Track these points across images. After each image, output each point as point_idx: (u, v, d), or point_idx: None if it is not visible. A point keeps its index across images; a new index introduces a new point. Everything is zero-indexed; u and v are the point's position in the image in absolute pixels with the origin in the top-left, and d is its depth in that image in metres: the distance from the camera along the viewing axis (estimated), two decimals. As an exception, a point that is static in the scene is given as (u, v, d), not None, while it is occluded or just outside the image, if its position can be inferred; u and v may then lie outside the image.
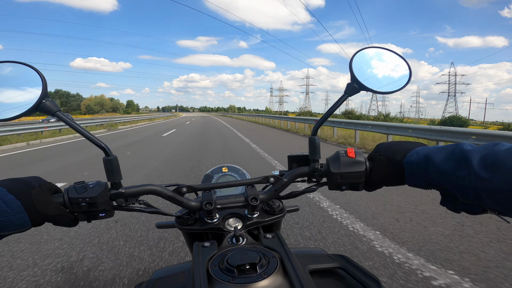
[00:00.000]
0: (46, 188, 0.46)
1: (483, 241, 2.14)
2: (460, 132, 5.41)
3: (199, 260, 0.43)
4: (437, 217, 2.63)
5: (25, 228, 0.43)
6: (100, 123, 18.20)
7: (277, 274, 0.39)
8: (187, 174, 4.53)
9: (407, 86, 0.55)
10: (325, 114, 0.57)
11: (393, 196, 3.26)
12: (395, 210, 2.85)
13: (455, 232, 2.31)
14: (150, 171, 4.76)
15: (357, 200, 3.13)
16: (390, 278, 1.68)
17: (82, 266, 1.93)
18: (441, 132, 5.80)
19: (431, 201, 3.07)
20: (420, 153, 0.45)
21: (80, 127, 0.48)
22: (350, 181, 0.52)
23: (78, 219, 0.49)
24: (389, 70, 0.58)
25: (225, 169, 0.73)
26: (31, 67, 0.48)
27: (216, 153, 6.73)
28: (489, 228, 2.36)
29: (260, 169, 4.84)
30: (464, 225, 2.44)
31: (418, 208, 2.89)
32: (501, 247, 2.05)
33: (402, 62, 0.58)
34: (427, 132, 6.16)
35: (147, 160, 5.87)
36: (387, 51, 0.59)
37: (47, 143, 10.05)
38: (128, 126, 20.25)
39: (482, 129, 5.72)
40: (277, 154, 6.38)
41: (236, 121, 28.06)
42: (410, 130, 6.59)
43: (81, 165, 5.56)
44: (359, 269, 0.44)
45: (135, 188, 0.51)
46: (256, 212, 0.58)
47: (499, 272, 1.74)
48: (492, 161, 0.36)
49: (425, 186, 0.45)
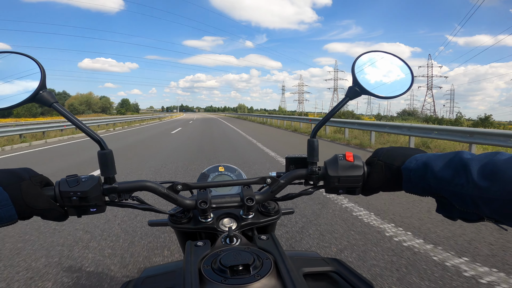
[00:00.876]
0: (37, 181, 0.45)
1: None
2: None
3: (191, 259, 0.42)
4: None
5: (11, 222, 0.42)
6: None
7: (270, 276, 0.39)
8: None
9: (409, 91, 0.55)
10: (325, 117, 0.56)
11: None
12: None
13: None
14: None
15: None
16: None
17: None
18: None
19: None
20: (419, 159, 0.45)
21: (76, 119, 0.48)
22: (347, 185, 0.52)
23: (68, 214, 0.48)
24: (392, 74, 0.58)
25: (221, 169, 0.73)
26: (30, 57, 0.47)
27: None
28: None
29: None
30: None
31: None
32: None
33: (404, 67, 0.58)
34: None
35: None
36: (390, 55, 0.59)
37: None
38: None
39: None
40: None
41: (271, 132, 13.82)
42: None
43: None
44: (353, 273, 0.43)
45: (129, 183, 0.50)
46: (251, 213, 0.57)
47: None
48: (491, 170, 0.36)
49: (422, 193, 0.45)
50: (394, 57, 0.58)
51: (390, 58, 0.59)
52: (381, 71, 0.58)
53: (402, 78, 0.57)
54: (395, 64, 0.58)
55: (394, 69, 0.58)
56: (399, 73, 0.58)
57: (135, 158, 6.05)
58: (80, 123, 0.48)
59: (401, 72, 0.57)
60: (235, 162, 5.34)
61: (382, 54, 0.59)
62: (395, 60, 0.58)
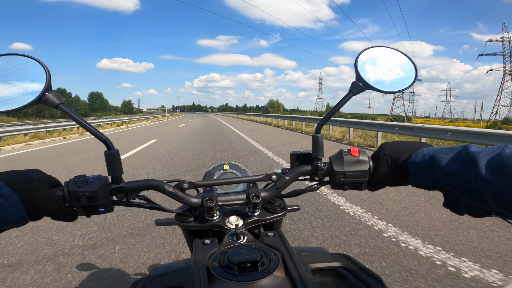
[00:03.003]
0: (46, 182, 0.45)
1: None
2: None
3: (199, 257, 0.42)
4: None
5: (22, 222, 0.42)
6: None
7: (278, 273, 0.39)
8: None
9: (412, 85, 0.55)
10: (329, 113, 0.56)
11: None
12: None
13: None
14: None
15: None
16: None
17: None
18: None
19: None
20: (425, 153, 0.45)
21: (82, 119, 0.48)
22: (353, 180, 0.52)
23: (77, 214, 0.48)
24: (395, 69, 0.58)
25: (226, 167, 0.73)
26: (36, 60, 0.48)
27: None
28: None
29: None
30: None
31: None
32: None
33: (408, 62, 0.57)
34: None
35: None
36: (393, 50, 0.58)
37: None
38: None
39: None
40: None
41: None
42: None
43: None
44: (361, 268, 0.43)
45: (136, 183, 0.51)
46: (257, 210, 0.57)
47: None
48: (498, 164, 0.35)
49: (429, 187, 0.44)
50: (397, 52, 0.58)
51: (393, 53, 0.58)
52: (384, 66, 0.57)
53: (405, 73, 0.57)
54: (398, 59, 0.58)
55: (397, 64, 0.58)
56: (402, 68, 0.57)
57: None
58: (86, 123, 0.48)
59: (404, 67, 0.57)
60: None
61: (385, 49, 0.58)
62: (398, 55, 0.58)
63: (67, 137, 11.25)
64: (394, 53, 0.58)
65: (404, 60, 0.58)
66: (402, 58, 0.58)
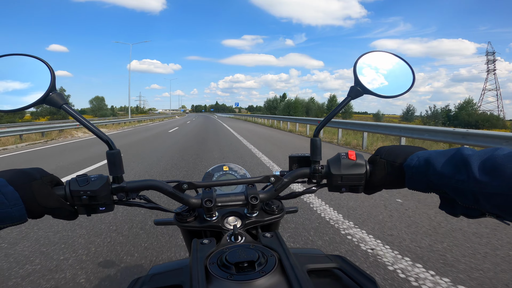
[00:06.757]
0: (48, 180, 0.46)
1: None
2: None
3: (197, 257, 0.43)
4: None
5: (21, 221, 0.43)
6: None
7: (275, 273, 0.39)
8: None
9: (410, 91, 0.56)
10: (327, 117, 0.57)
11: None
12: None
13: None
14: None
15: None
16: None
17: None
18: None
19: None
20: (421, 157, 0.46)
21: (85, 119, 0.49)
22: (350, 183, 0.52)
23: (78, 212, 0.49)
24: (393, 74, 0.58)
25: (226, 168, 0.74)
26: (41, 60, 0.48)
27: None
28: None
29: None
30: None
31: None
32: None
33: (406, 67, 0.58)
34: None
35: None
36: (391, 55, 0.59)
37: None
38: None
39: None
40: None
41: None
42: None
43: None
44: (356, 269, 0.44)
45: (136, 183, 0.51)
46: (255, 211, 0.58)
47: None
48: (491, 165, 0.36)
49: (425, 189, 0.45)
50: (395, 57, 0.59)
51: (392, 58, 0.59)
52: (383, 71, 0.58)
53: (403, 78, 0.57)
54: (397, 64, 0.59)
55: (396, 69, 0.59)
56: (400, 73, 0.58)
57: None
58: (89, 123, 0.49)
59: (403, 72, 0.58)
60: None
61: (384, 54, 0.59)
62: (396, 60, 0.59)
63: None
64: (393, 58, 0.59)
65: (402, 65, 0.59)
66: (400, 63, 0.59)
